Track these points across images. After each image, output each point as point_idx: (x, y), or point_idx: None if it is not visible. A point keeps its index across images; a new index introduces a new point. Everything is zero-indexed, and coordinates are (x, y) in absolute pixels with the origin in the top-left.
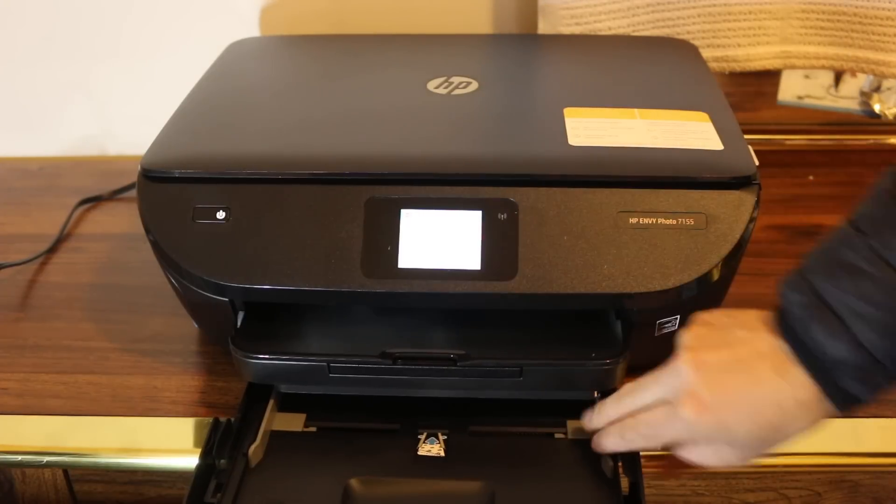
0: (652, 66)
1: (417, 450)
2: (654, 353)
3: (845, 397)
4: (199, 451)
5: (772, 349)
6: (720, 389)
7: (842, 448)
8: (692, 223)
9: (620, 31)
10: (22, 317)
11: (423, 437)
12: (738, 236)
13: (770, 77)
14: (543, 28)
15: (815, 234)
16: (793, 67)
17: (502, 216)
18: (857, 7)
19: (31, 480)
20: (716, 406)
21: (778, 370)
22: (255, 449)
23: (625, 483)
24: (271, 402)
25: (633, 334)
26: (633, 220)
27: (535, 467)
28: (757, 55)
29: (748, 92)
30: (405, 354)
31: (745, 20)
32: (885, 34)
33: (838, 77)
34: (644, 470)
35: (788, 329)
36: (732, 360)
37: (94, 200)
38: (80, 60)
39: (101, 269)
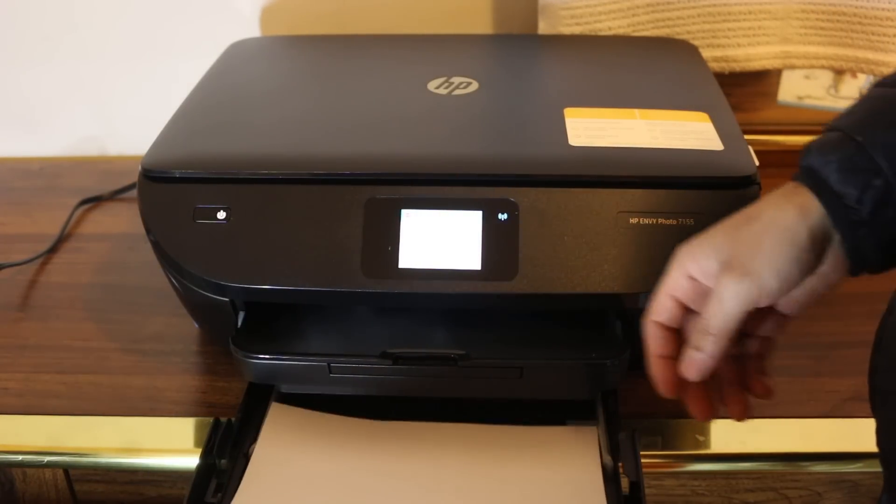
0: (652, 66)
1: None
2: None
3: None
4: (199, 451)
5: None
6: (741, 250)
7: (842, 448)
8: (692, 223)
9: (620, 31)
10: (22, 317)
11: None
12: None
13: (770, 77)
14: (543, 28)
15: None
16: (792, 67)
17: (502, 216)
18: (856, 7)
19: (32, 480)
20: (740, 261)
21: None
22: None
23: (625, 483)
24: (272, 402)
25: (633, 334)
26: (633, 220)
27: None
28: (757, 55)
29: (748, 92)
30: (405, 354)
31: (744, 20)
32: (884, 34)
33: (838, 77)
34: (644, 470)
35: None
36: (743, 233)
37: (94, 200)
38: (81, 60)
39: (102, 269)
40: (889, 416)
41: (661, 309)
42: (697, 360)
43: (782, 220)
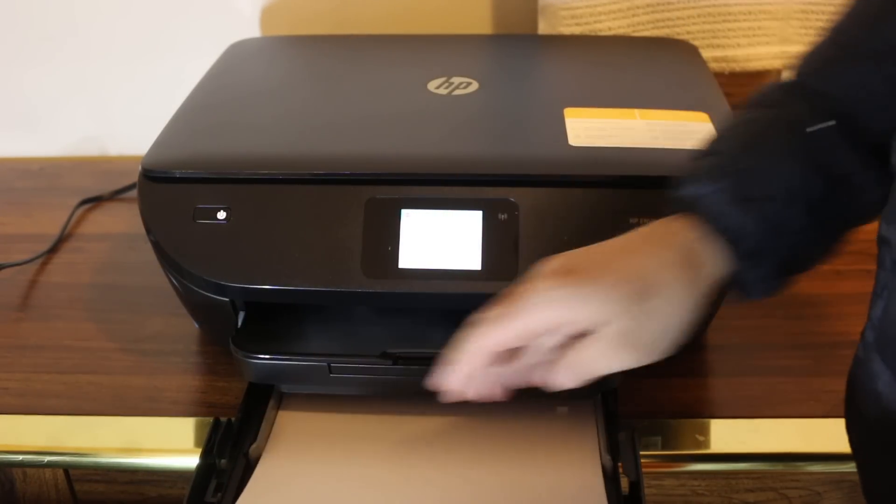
0: (652, 66)
1: None
2: None
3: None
4: (199, 450)
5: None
6: (575, 257)
7: (842, 448)
8: None
9: (620, 32)
10: (22, 317)
11: None
12: None
13: (770, 77)
14: (543, 28)
15: None
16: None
17: (503, 216)
18: None
19: (32, 480)
20: (571, 263)
21: (644, 233)
22: (255, 448)
23: (624, 483)
24: (271, 402)
25: None
26: (633, 220)
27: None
28: (757, 55)
29: (748, 92)
30: (406, 354)
31: (744, 20)
32: None
33: None
34: (644, 470)
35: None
36: (590, 247)
37: (94, 200)
38: (81, 60)
39: (102, 269)
40: (878, 470)
41: (505, 342)
42: (553, 386)
43: (683, 298)
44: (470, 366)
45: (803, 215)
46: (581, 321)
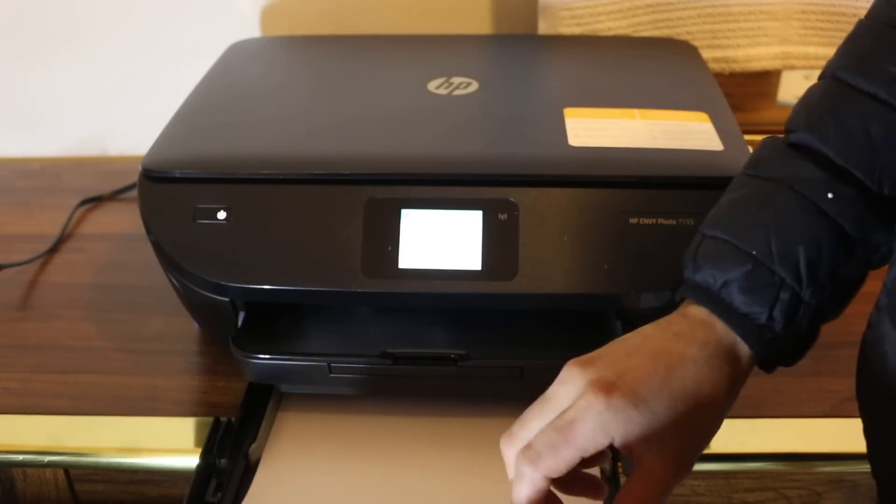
0: (652, 66)
1: None
2: None
3: (741, 318)
4: (199, 450)
5: (658, 328)
6: (622, 366)
7: (842, 448)
8: (692, 223)
9: (620, 32)
10: (23, 317)
11: None
12: None
13: (770, 77)
14: (543, 28)
15: None
16: (792, 68)
17: (503, 216)
18: (856, 8)
19: (33, 480)
20: (623, 381)
21: (675, 336)
22: (255, 448)
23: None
24: (271, 402)
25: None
26: (633, 221)
27: None
28: (757, 56)
29: (748, 92)
30: (406, 354)
31: (745, 21)
32: None
33: None
34: None
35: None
36: (621, 346)
37: (94, 200)
38: (81, 60)
39: (102, 269)
40: (880, 430)
41: (565, 467)
42: (530, 476)
43: (730, 404)
44: (532, 499)
45: (827, 284)
46: (634, 444)
